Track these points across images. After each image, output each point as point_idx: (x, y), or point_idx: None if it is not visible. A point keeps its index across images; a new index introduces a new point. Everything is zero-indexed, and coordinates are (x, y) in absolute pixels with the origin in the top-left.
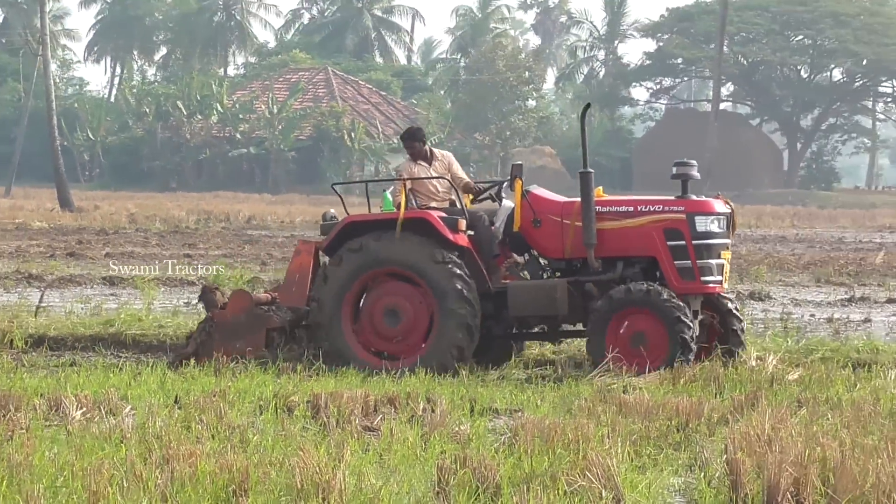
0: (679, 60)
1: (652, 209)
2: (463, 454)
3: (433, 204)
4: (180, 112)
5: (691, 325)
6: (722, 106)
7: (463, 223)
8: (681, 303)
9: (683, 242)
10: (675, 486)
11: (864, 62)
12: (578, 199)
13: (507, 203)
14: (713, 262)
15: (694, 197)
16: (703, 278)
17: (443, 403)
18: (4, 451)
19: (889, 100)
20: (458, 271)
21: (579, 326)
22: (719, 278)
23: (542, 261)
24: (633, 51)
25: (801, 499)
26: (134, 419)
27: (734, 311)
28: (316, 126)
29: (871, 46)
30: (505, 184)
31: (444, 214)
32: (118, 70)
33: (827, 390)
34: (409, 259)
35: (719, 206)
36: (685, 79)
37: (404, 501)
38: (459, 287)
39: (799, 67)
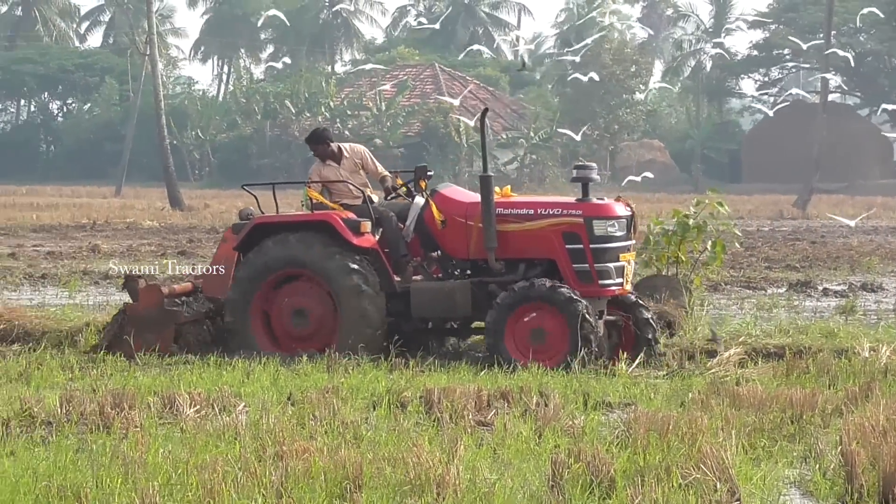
0: (786, 51)
1: (551, 212)
2: (577, 448)
3: (345, 201)
4: (288, 110)
5: (592, 322)
6: (830, 97)
7: (367, 225)
8: (582, 299)
9: (581, 246)
10: (789, 477)
11: None
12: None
13: (419, 200)
14: (612, 265)
15: (595, 200)
16: (601, 281)
17: (556, 397)
18: (120, 448)
19: None
20: (357, 268)
21: None
22: (619, 281)
23: (453, 260)
24: (740, 43)
25: None
26: (247, 416)
27: (651, 322)
28: (424, 122)
29: None
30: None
31: (349, 215)
32: (225, 69)
33: None
34: (310, 260)
35: (619, 209)
36: (793, 70)
37: (518, 495)
38: (358, 284)
39: None
